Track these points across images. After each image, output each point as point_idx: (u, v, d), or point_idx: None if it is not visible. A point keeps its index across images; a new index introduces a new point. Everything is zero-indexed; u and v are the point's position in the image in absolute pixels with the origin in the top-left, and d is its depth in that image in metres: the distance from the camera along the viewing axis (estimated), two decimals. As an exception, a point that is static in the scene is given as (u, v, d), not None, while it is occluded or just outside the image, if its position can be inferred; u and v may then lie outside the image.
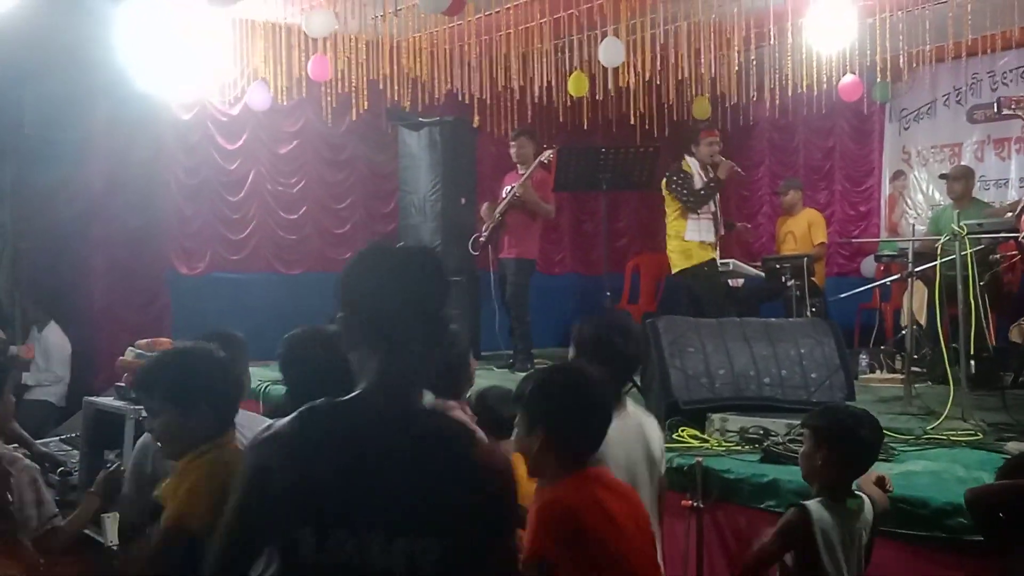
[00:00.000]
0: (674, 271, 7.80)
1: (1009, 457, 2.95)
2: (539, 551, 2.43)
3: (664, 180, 7.73)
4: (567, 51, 8.83)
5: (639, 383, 5.05)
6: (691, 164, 7.70)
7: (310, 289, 8.75)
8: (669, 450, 4.42)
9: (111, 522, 3.89)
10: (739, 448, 4.56)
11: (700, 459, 4.27)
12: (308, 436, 1.81)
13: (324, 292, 2.27)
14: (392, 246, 1.99)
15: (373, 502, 1.76)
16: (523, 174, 8.02)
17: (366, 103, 9.04)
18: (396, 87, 9.17)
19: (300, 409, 1.84)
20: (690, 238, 7.58)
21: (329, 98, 8.94)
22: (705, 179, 7.64)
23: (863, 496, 3.05)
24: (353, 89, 8.91)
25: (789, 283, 7.99)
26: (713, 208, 7.71)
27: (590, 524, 2.48)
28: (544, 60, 8.84)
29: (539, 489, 2.60)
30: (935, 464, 4.11)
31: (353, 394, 1.86)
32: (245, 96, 9.02)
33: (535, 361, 8.03)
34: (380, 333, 1.86)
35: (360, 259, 1.94)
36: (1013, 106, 6.26)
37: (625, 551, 2.52)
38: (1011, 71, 9.37)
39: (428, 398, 3.37)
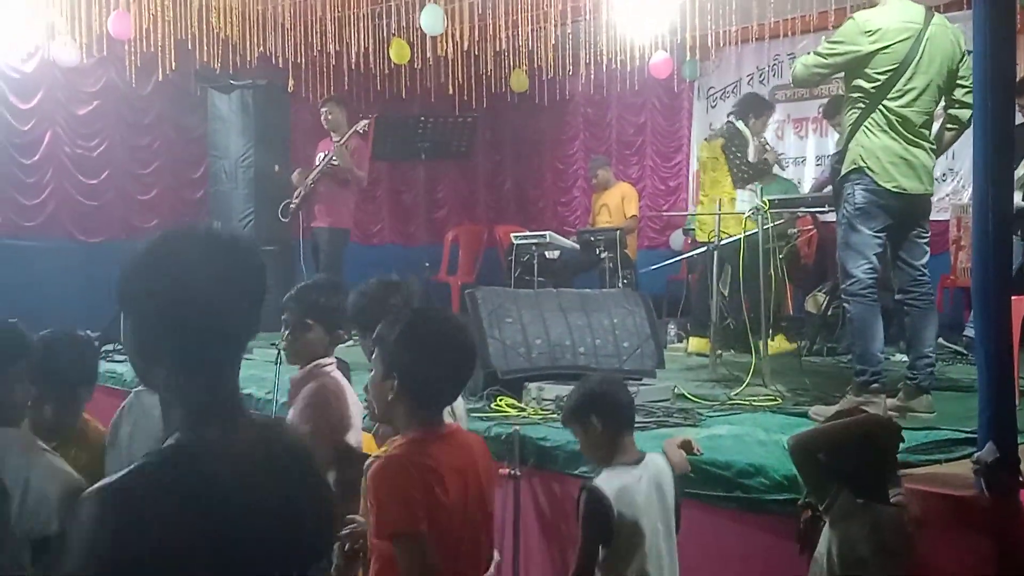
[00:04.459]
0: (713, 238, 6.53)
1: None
2: (410, 522, 2.31)
3: (721, 141, 7.13)
4: (384, 17, 8.69)
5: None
6: (746, 133, 7.13)
7: (112, 258, 8.23)
8: (488, 420, 4.47)
9: None
10: (555, 416, 4.63)
11: (517, 428, 4.31)
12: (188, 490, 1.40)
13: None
14: (200, 228, 1.58)
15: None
16: (337, 141, 7.83)
17: (174, 63, 8.64)
18: (206, 47, 8.81)
19: (150, 460, 1.42)
20: (740, 210, 6.77)
21: (133, 57, 8.49)
22: (757, 154, 7.07)
23: (657, 457, 3.12)
24: (160, 48, 8.50)
25: (603, 255, 8.17)
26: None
27: (448, 486, 2.39)
28: (361, 25, 8.67)
29: (393, 441, 2.50)
30: (738, 428, 4.27)
31: (192, 429, 1.47)
32: (52, 52, 8.46)
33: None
34: (202, 342, 1.50)
35: (162, 247, 1.53)
36: None
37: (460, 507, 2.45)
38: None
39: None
